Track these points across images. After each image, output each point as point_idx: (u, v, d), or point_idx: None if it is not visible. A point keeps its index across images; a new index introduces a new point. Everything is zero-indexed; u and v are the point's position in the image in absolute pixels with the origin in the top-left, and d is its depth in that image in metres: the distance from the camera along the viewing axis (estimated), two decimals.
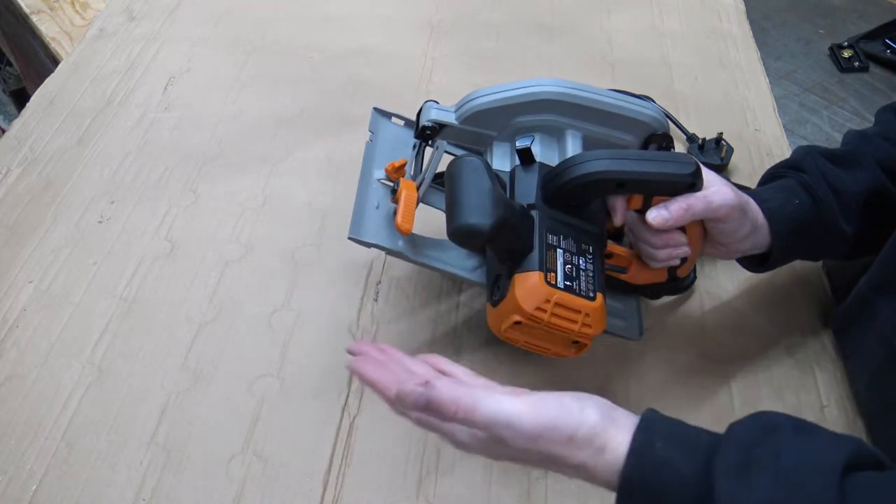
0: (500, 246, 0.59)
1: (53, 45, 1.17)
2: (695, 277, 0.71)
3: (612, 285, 0.66)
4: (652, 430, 0.45)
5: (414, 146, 0.68)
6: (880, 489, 0.39)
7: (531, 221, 0.59)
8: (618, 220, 0.62)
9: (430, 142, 0.67)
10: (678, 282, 0.67)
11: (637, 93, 0.96)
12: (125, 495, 0.58)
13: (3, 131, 1.25)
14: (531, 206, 0.60)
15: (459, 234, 0.56)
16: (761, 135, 0.94)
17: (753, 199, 0.64)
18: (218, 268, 0.77)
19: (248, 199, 0.84)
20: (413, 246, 0.64)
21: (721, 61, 1.06)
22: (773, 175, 0.70)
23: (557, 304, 0.57)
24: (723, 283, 0.77)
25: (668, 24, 1.13)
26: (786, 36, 1.18)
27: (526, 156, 0.63)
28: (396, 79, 1.01)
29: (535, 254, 0.58)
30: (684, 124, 0.94)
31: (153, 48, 1.06)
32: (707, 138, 0.90)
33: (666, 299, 0.74)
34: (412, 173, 0.66)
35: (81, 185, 0.86)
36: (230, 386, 0.67)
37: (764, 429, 0.43)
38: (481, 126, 0.62)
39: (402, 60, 1.04)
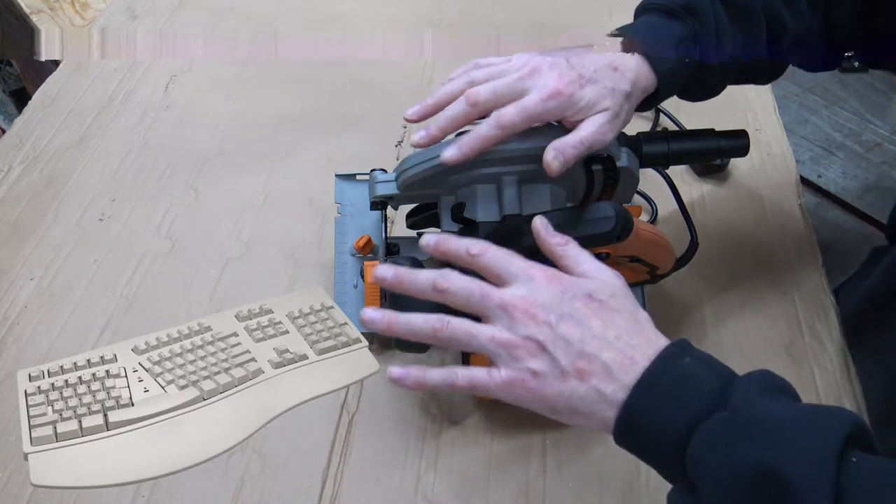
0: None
1: None
2: (697, 244, 0.68)
3: None
4: (683, 348, 0.47)
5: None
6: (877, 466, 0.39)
7: None
8: None
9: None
10: (665, 275, 0.68)
11: None
12: (125, 492, 0.59)
13: (3, 131, 1.25)
14: None
15: (402, 350, 0.64)
16: (761, 135, 0.94)
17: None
18: (218, 265, 0.77)
19: (248, 198, 0.84)
20: None
21: None
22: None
23: None
24: (722, 282, 0.77)
25: None
26: None
27: (465, 224, 0.61)
28: (397, 78, 1.01)
29: None
30: (684, 124, 0.94)
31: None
32: None
33: (667, 296, 0.75)
34: (384, 236, 0.68)
35: (83, 182, 0.86)
36: None
37: (783, 385, 0.45)
38: (422, 189, 0.62)
39: (403, 60, 1.04)
